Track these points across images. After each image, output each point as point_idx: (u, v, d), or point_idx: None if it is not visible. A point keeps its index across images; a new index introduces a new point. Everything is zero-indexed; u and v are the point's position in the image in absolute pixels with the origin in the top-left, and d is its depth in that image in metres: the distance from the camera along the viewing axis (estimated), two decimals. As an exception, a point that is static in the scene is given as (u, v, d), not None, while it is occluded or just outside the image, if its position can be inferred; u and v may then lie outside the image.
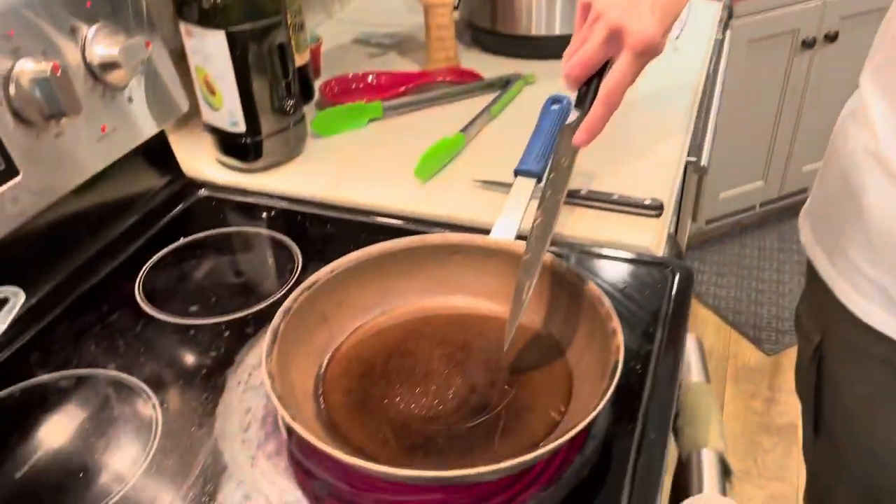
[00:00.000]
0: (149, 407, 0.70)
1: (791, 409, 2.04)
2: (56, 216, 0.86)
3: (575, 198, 0.93)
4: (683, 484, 0.74)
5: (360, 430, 0.65)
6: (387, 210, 0.96)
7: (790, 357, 2.18)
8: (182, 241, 0.93)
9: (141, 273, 0.87)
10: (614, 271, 0.84)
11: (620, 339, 0.64)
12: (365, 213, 0.96)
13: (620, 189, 0.94)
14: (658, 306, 0.78)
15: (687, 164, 1.18)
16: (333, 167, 1.05)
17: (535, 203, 0.94)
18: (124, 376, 0.73)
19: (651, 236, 0.88)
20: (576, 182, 0.98)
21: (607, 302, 0.68)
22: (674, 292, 0.80)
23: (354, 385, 0.70)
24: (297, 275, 0.86)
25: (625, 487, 0.60)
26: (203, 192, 1.03)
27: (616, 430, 0.65)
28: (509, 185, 0.96)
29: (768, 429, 2.01)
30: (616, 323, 0.66)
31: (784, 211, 2.84)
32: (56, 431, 0.68)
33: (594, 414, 0.58)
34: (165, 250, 0.91)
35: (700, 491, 0.70)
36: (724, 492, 0.70)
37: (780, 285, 2.49)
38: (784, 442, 1.96)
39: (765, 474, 1.89)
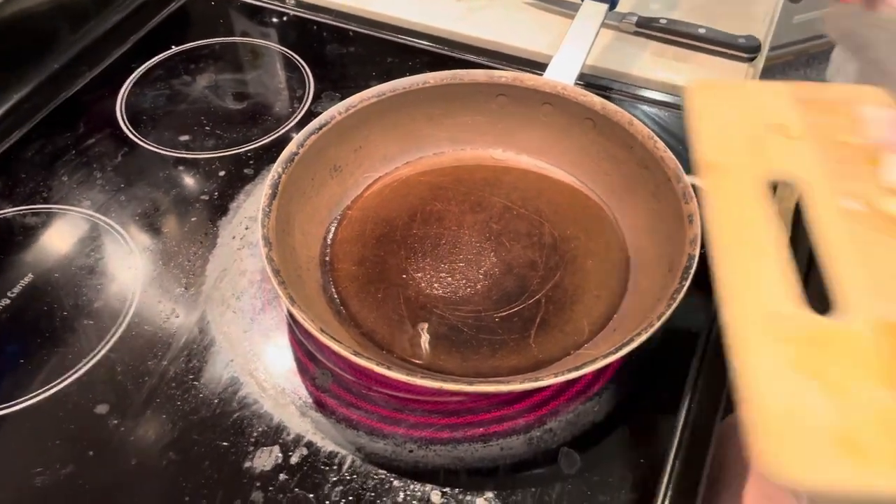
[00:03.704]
0: (127, 257, 0.59)
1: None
2: (20, 8, 0.71)
3: (651, 29, 0.75)
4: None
5: (372, 309, 0.55)
6: (417, 27, 0.79)
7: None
8: (173, 49, 0.78)
9: (124, 88, 0.73)
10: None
11: (698, 227, 0.52)
12: (392, 30, 0.79)
13: (706, 20, 0.76)
14: (740, 178, 0.64)
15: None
16: (358, -34, 0.87)
17: (606, 34, 0.77)
18: (100, 217, 0.62)
19: (740, 86, 0.71)
20: (655, 8, 0.79)
21: (686, 178, 0.55)
22: (761, 162, 0.66)
23: (368, 252, 0.59)
24: (307, 104, 0.71)
25: (682, 407, 0.51)
26: (201, -13, 0.86)
27: (676, 334, 0.54)
28: (569, 4, 0.78)
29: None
30: (695, 206, 0.53)
31: (860, 42, 2.54)
32: (14, 278, 0.58)
33: (659, 324, 0.47)
34: (153, 61, 0.76)
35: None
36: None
37: (841, 127, 2.28)
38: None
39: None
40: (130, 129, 0.69)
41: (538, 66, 0.72)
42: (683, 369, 0.52)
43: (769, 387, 0.33)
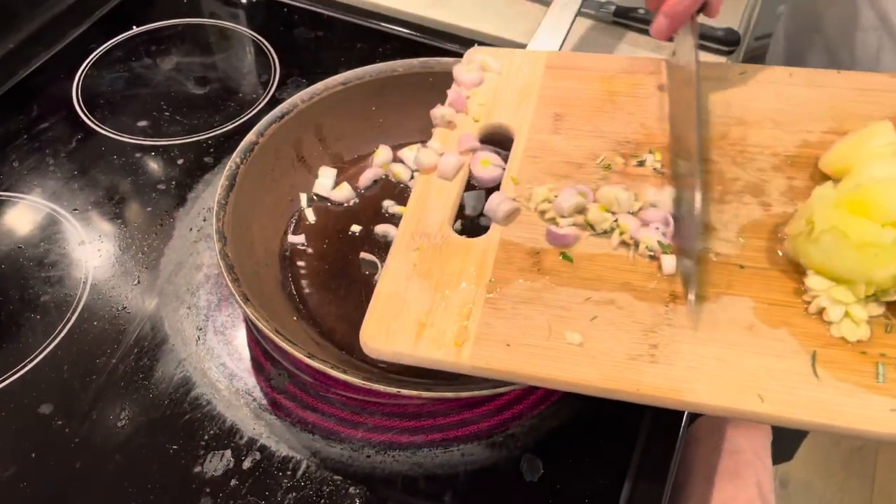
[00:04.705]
0: (78, 249, 0.57)
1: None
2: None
3: (629, 19, 0.73)
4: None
5: (332, 307, 0.53)
6: (390, 12, 0.77)
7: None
8: (135, 30, 0.75)
9: (81, 70, 0.70)
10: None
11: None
12: (364, 15, 0.77)
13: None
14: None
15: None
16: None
17: (583, 23, 0.75)
18: (51, 206, 0.60)
19: (718, 80, 0.70)
20: (633, -3, 0.77)
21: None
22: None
23: (331, 248, 0.56)
24: (272, 90, 0.69)
25: (646, 412, 0.49)
26: (165, -35, 0.82)
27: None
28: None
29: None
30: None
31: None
32: (-34, 270, 0.56)
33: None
34: (113, 42, 0.73)
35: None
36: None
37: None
38: None
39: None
40: (87, 113, 0.67)
41: (512, 55, 0.70)
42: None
43: (390, 281, 0.44)
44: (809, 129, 0.47)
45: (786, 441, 1.24)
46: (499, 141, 0.53)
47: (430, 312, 0.42)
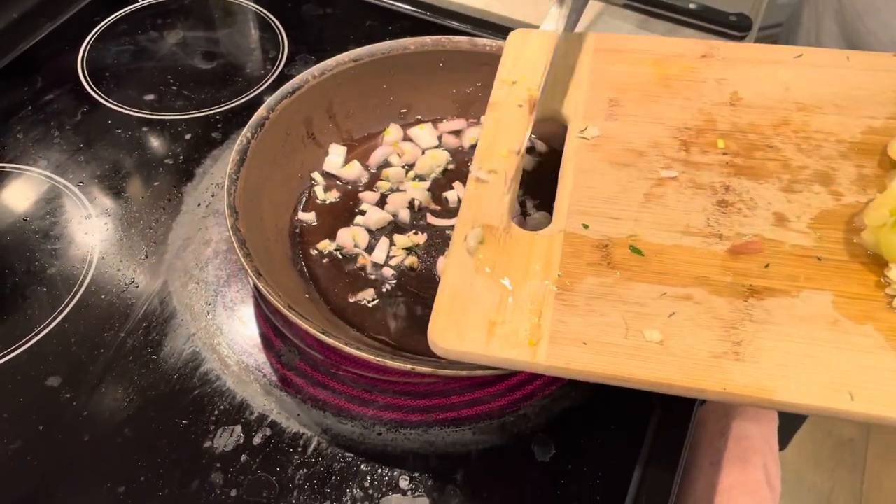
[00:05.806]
0: (85, 222, 0.56)
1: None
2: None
3: (641, 2, 0.73)
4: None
5: (343, 284, 0.53)
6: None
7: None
8: (140, 3, 0.74)
9: (86, 42, 0.69)
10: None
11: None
12: (373, -8, 0.76)
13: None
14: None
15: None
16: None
17: (594, 6, 0.74)
18: (57, 178, 0.59)
19: (730, 65, 0.69)
20: (644, -20, 0.77)
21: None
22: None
23: (341, 226, 0.56)
24: (280, 66, 0.68)
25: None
26: (171, -62, 0.81)
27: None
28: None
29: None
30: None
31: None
32: (-30, 241, 0.55)
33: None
34: (118, 14, 0.72)
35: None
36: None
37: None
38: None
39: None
40: (92, 86, 0.66)
41: (523, 36, 0.69)
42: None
43: (454, 276, 0.41)
44: (873, 114, 0.46)
45: (780, 431, 1.25)
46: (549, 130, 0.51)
47: (499, 310, 0.40)
